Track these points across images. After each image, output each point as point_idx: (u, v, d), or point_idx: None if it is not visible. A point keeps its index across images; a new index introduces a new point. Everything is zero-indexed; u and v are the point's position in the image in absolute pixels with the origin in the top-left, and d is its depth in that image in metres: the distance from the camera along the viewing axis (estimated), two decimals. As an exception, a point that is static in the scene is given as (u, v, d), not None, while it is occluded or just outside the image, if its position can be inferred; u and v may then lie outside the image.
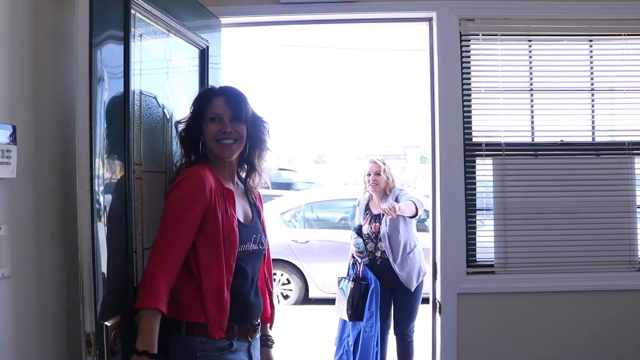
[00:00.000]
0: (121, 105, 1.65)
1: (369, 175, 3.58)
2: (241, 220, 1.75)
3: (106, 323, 1.53)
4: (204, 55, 2.28)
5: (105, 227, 1.58)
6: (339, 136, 29.61)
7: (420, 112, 2.71)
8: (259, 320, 1.80)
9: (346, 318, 3.54)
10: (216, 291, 1.63)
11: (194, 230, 1.63)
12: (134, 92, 1.74)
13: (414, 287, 3.46)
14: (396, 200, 3.46)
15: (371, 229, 3.57)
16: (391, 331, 3.63)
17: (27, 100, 1.55)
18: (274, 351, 1.96)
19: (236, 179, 1.85)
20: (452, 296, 2.53)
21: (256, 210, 1.87)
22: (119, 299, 1.63)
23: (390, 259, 3.44)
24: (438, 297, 2.58)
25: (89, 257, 1.52)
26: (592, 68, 2.61)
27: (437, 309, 2.59)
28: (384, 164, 3.60)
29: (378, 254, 3.52)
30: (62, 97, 1.70)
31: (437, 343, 2.61)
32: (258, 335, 1.81)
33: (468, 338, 2.53)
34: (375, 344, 3.45)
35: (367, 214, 3.65)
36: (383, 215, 3.47)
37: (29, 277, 1.55)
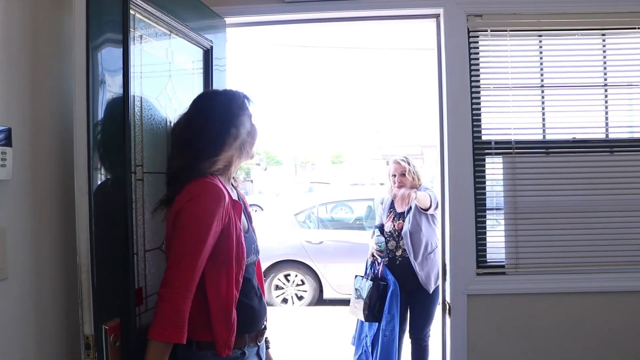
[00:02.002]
0: (120, 107, 1.64)
1: (394, 176, 3.56)
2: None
3: (105, 326, 1.53)
4: (208, 56, 2.27)
5: (105, 230, 1.57)
6: (356, 136, 29.58)
7: (436, 110, 2.65)
8: (265, 324, 1.79)
9: (362, 318, 3.49)
10: (224, 310, 1.59)
11: (211, 250, 1.57)
12: (134, 94, 1.73)
13: (432, 289, 3.40)
14: None
15: (394, 226, 3.52)
16: (406, 335, 3.57)
17: (24, 103, 1.55)
18: (272, 351, 1.97)
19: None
20: (462, 297, 2.48)
21: (248, 217, 1.84)
22: (118, 301, 1.62)
23: (411, 257, 3.38)
24: (447, 299, 2.54)
25: (87, 259, 1.51)
26: (605, 63, 2.54)
27: (447, 311, 2.54)
28: (409, 164, 3.56)
29: (399, 252, 3.48)
30: (60, 100, 1.70)
31: (447, 345, 2.56)
32: (264, 338, 1.81)
33: (478, 340, 2.48)
34: (396, 348, 3.39)
35: (391, 212, 3.61)
36: (407, 213, 3.43)
37: (27, 280, 1.55)
